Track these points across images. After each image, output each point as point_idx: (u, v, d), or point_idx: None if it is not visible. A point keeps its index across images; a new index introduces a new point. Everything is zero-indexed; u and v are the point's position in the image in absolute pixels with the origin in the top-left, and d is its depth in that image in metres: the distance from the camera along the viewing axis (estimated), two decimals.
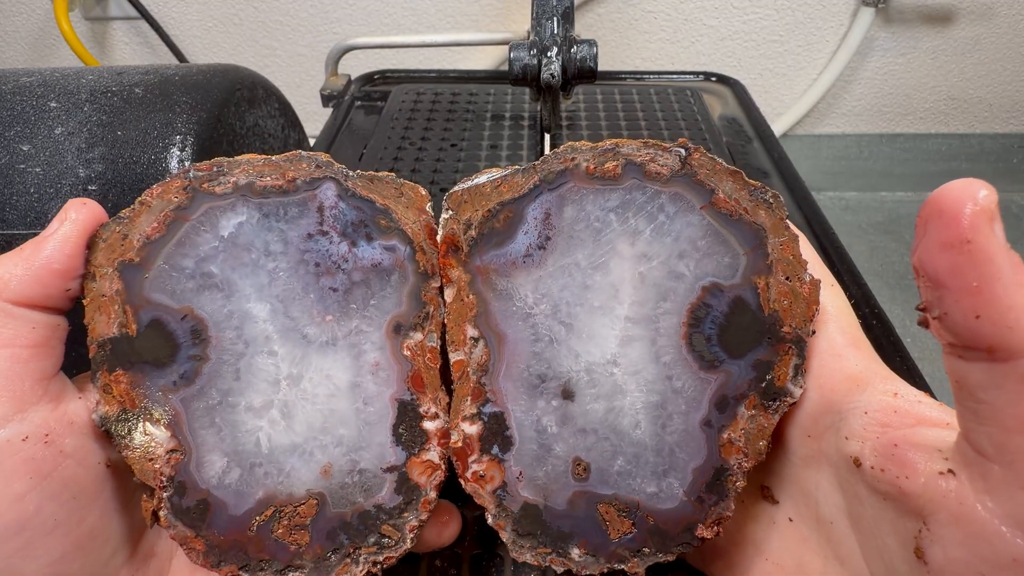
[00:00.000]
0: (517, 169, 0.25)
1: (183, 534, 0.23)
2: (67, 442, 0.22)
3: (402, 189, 0.26)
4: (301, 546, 0.23)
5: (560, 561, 0.23)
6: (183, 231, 0.24)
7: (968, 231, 0.15)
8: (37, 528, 0.20)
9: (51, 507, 0.21)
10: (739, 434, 0.23)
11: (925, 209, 0.16)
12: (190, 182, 0.24)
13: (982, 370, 0.16)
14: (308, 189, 0.24)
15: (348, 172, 0.25)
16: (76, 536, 0.21)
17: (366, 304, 0.24)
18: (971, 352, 0.16)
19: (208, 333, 0.23)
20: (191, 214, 0.24)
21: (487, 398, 0.24)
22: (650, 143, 0.24)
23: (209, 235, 0.24)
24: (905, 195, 1.46)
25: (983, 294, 0.15)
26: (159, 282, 0.23)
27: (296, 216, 0.24)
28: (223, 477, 0.23)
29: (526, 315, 0.24)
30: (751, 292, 0.23)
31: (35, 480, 0.20)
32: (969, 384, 0.16)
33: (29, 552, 0.20)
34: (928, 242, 0.16)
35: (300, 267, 0.24)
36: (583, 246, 0.24)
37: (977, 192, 0.15)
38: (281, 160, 0.25)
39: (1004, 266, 0.15)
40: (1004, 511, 0.16)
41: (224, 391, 0.23)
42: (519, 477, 0.24)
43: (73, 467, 0.22)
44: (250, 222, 0.24)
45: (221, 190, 0.24)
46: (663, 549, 0.23)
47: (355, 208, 0.25)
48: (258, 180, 0.24)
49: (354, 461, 0.24)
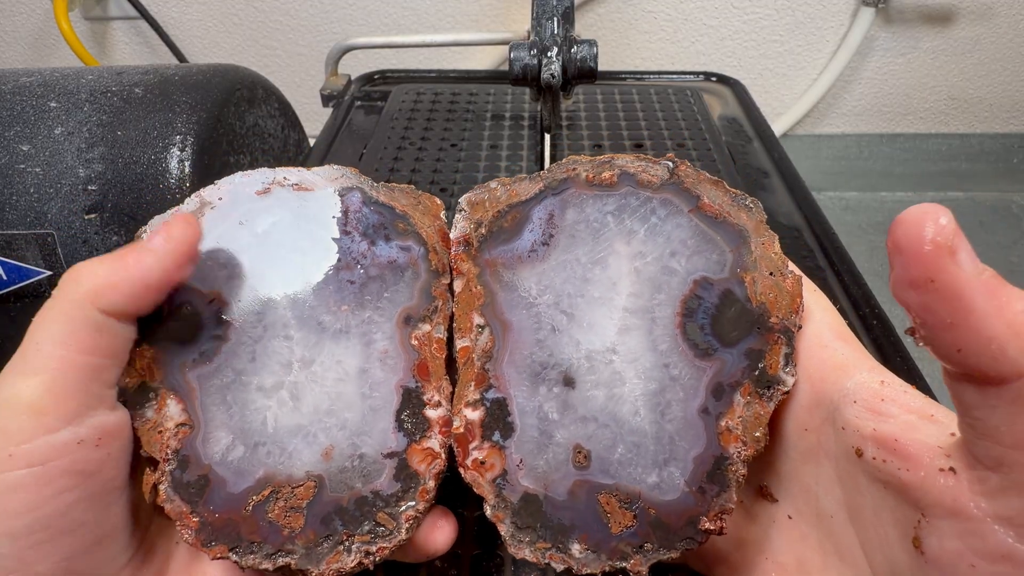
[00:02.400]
0: (524, 177, 0.28)
1: (179, 509, 0.23)
2: (115, 445, 0.22)
3: (420, 198, 0.29)
4: (294, 530, 0.23)
5: (560, 558, 0.23)
6: (221, 230, 0.26)
7: (930, 270, 0.15)
8: (61, 527, 0.20)
9: (80, 507, 0.21)
10: (736, 422, 0.23)
11: (888, 241, 0.16)
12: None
13: (975, 392, 0.16)
14: (337, 196, 0.27)
15: (373, 183, 0.28)
16: (95, 535, 0.22)
17: (380, 296, 0.26)
18: (962, 376, 0.16)
19: (232, 316, 0.25)
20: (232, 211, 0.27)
21: (490, 384, 0.25)
22: (642, 157, 0.27)
23: (246, 231, 0.26)
24: (905, 195, 1.46)
25: (959, 328, 0.15)
26: (195, 270, 0.25)
27: (324, 219, 0.27)
28: (227, 454, 0.24)
29: (530, 305, 0.25)
30: (738, 286, 0.24)
31: (76, 480, 0.21)
32: (965, 403, 0.16)
33: (46, 549, 0.20)
34: (896, 278, 0.16)
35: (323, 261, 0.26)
36: (583, 244, 0.26)
37: (935, 222, 0.15)
38: (317, 171, 0.28)
39: (975, 298, 0.15)
40: (996, 512, 0.16)
41: (239, 370, 0.25)
42: (519, 465, 0.24)
43: (112, 468, 0.22)
44: (284, 221, 0.27)
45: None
46: (666, 544, 0.22)
47: (377, 213, 0.27)
48: (293, 187, 0.27)
49: (356, 445, 0.24)
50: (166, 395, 0.24)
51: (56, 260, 0.51)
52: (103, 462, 0.21)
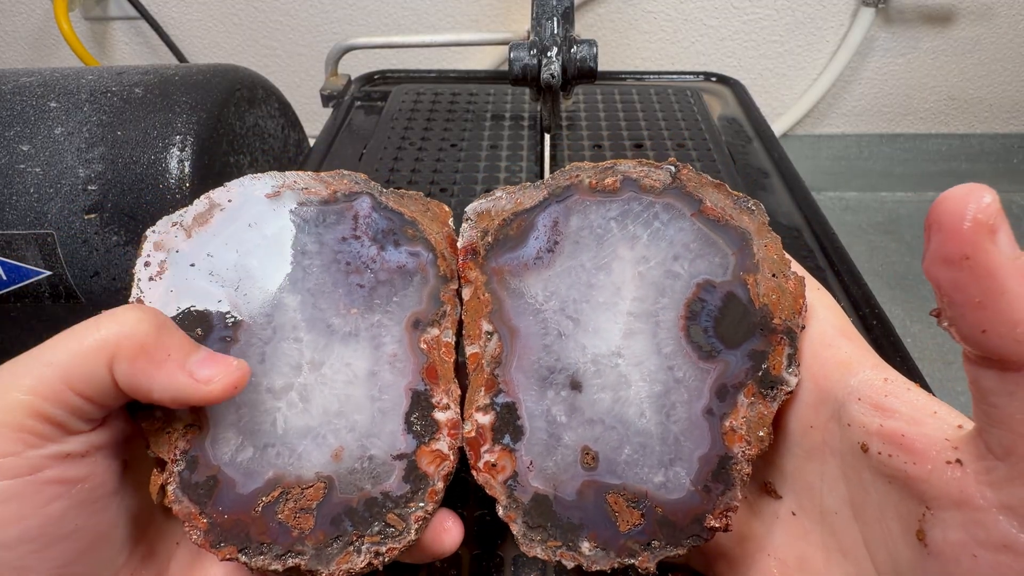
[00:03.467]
0: (528, 185, 0.28)
1: (187, 510, 0.23)
2: (102, 453, 0.22)
3: (429, 205, 0.29)
4: (304, 531, 0.23)
5: (570, 555, 0.23)
6: (230, 232, 0.26)
7: (967, 246, 0.15)
8: (56, 533, 0.20)
9: (74, 513, 0.21)
10: (740, 422, 0.23)
11: (928, 217, 0.15)
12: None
13: (994, 377, 0.16)
14: (346, 201, 0.28)
15: (382, 189, 0.28)
16: (90, 539, 0.22)
17: (389, 301, 0.26)
18: (983, 360, 0.16)
19: (241, 318, 0.25)
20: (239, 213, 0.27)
21: (500, 389, 0.25)
22: (644, 162, 0.27)
23: (255, 233, 0.26)
24: (905, 195, 1.46)
25: (987, 309, 0.15)
26: (204, 271, 0.25)
27: (334, 222, 0.27)
28: (236, 455, 0.24)
29: (536, 311, 0.26)
30: (741, 288, 0.24)
31: (64, 489, 0.21)
32: (983, 388, 0.16)
33: (41, 556, 0.20)
34: (930, 254, 0.16)
35: (332, 265, 0.27)
36: (588, 250, 0.26)
37: (977, 201, 0.15)
38: (327, 176, 0.28)
39: (1008, 280, 0.15)
40: (1002, 502, 0.16)
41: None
42: (530, 467, 0.24)
43: (100, 476, 0.22)
44: (292, 225, 0.27)
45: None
46: (673, 542, 0.23)
47: (386, 218, 0.28)
48: (303, 191, 0.28)
49: (365, 447, 0.24)
50: None
51: (56, 260, 0.51)
52: (92, 470, 0.21)
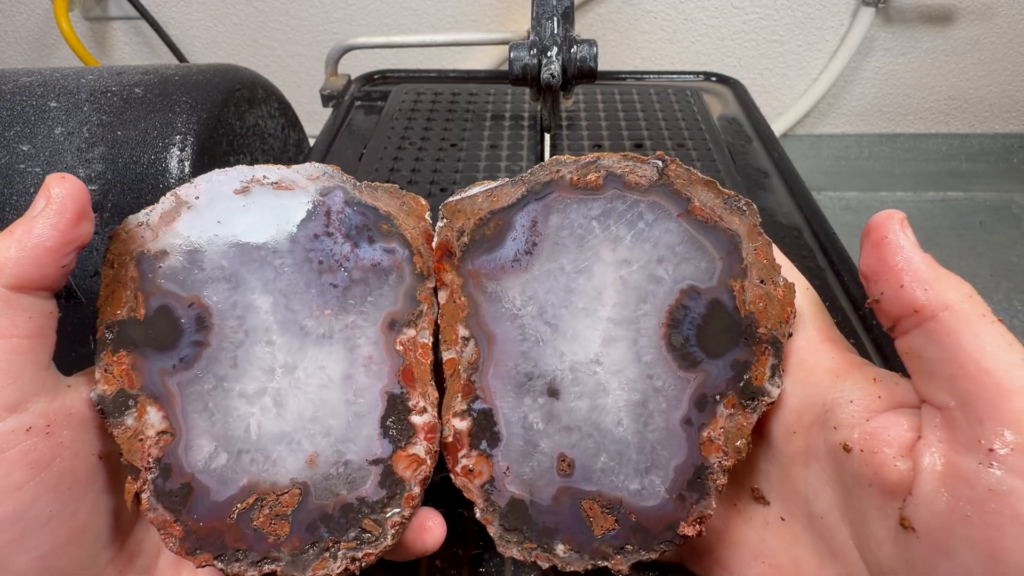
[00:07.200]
0: (507, 181, 0.27)
1: (162, 518, 0.23)
2: (65, 433, 0.22)
3: (404, 199, 0.28)
4: (280, 537, 0.23)
5: (545, 557, 0.24)
6: (198, 230, 0.25)
7: (886, 231, 0.21)
8: (32, 520, 0.20)
9: (47, 499, 0.21)
10: (718, 432, 0.23)
11: (865, 227, 0.21)
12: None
13: (918, 334, 0.20)
14: (319, 196, 0.26)
15: (356, 182, 0.27)
16: (68, 529, 0.22)
17: (363, 301, 0.25)
18: (905, 321, 0.20)
19: (212, 321, 0.24)
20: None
21: (477, 395, 0.25)
22: (629, 156, 0.25)
23: (224, 231, 0.25)
24: (905, 195, 1.46)
25: (903, 271, 0.20)
26: (172, 272, 0.24)
27: (305, 219, 0.26)
28: (209, 462, 0.23)
29: (514, 316, 0.25)
30: (727, 295, 0.24)
31: (34, 471, 0.20)
32: (914, 350, 0.20)
33: (22, 544, 0.20)
34: (864, 249, 0.22)
35: (305, 264, 0.25)
36: (568, 252, 0.25)
37: (898, 212, 0.21)
38: (297, 169, 0.27)
39: (913, 251, 0.21)
40: (973, 447, 0.18)
41: (220, 376, 0.24)
42: (506, 472, 0.25)
43: (70, 458, 0.22)
44: (263, 221, 0.26)
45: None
46: (646, 547, 0.24)
47: (360, 214, 0.26)
48: (273, 186, 0.26)
49: (340, 452, 0.24)
50: (146, 402, 0.23)
51: None
52: (56, 451, 0.21)
